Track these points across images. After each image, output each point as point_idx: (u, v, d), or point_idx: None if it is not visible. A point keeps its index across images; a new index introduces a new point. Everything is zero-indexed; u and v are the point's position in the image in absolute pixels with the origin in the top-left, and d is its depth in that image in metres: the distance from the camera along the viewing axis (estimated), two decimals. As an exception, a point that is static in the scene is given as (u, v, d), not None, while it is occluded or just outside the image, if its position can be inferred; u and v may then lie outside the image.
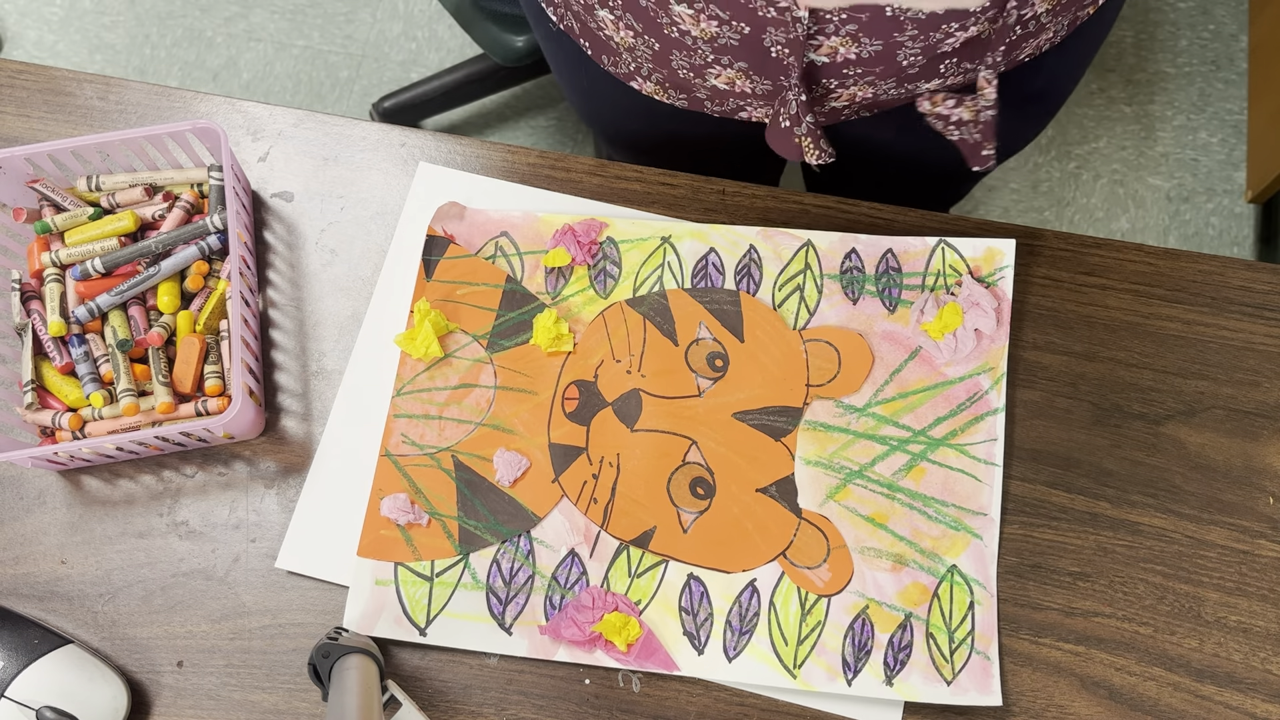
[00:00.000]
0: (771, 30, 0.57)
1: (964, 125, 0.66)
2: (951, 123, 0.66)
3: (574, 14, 0.67)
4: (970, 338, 0.68)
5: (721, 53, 0.61)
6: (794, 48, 0.59)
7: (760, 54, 0.60)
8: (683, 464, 0.67)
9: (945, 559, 0.65)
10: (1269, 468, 0.67)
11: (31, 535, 0.67)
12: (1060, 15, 0.63)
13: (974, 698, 0.62)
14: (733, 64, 0.62)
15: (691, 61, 0.63)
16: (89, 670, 0.62)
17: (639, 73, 0.68)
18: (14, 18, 1.75)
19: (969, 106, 0.64)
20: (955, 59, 0.61)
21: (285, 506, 0.67)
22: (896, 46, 0.59)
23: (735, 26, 0.58)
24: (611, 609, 0.64)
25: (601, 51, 0.68)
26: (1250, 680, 0.63)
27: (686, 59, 0.63)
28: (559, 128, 1.68)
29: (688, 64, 0.64)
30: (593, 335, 0.70)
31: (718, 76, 0.64)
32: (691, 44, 0.61)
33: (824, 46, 0.59)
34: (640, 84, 0.69)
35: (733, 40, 0.59)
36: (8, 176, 0.69)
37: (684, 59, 0.63)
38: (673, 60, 0.64)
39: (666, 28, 0.61)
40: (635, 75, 0.68)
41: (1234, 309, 0.70)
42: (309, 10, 1.75)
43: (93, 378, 0.67)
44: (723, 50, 0.61)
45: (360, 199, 0.74)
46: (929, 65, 0.61)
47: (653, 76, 0.67)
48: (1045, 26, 0.62)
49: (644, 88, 0.69)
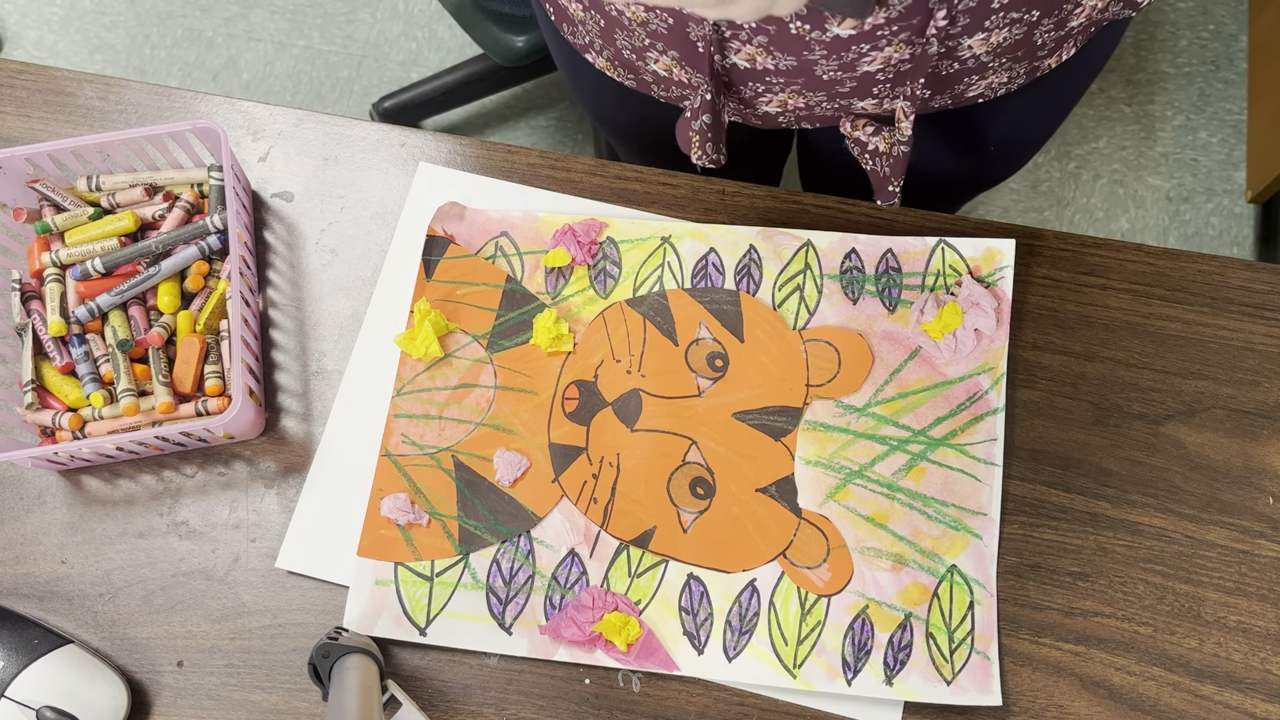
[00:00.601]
0: (693, 25, 0.58)
1: (877, 156, 0.66)
2: (868, 150, 0.66)
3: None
4: (970, 338, 0.68)
5: (655, 38, 0.61)
6: (710, 45, 0.59)
7: (689, 46, 0.60)
8: (683, 464, 0.67)
9: (945, 559, 0.65)
10: (1269, 468, 0.67)
11: (31, 535, 0.67)
12: (1011, 61, 0.62)
13: (974, 697, 0.62)
14: (666, 51, 0.62)
15: (632, 43, 0.63)
16: (89, 670, 0.62)
17: (592, 47, 0.68)
18: (14, 18, 1.75)
19: (885, 138, 0.64)
20: (888, 83, 0.61)
21: (285, 506, 0.67)
22: (811, 63, 0.59)
23: (661, 15, 0.58)
24: (611, 609, 0.64)
25: (562, 19, 0.69)
26: (1250, 680, 0.63)
27: (628, 39, 0.63)
28: (559, 128, 1.68)
29: (629, 45, 0.64)
30: (593, 335, 0.70)
31: (656, 62, 0.64)
32: (628, 25, 0.61)
33: (742, 52, 0.59)
34: (594, 58, 0.69)
35: (662, 28, 0.60)
36: (8, 176, 0.69)
37: (625, 39, 0.63)
38: (617, 39, 0.64)
39: (605, 5, 0.61)
40: (589, 49, 0.69)
41: (1234, 309, 0.70)
42: (309, 10, 1.75)
43: (93, 378, 0.67)
44: (656, 36, 0.61)
45: (360, 199, 0.74)
46: (861, 85, 0.61)
47: (604, 52, 0.68)
48: (989, 67, 0.62)
49: (597, 62, 0.70)
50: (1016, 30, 0.58)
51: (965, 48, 0.58)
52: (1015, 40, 0.59)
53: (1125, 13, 0.64)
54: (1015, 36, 0.59)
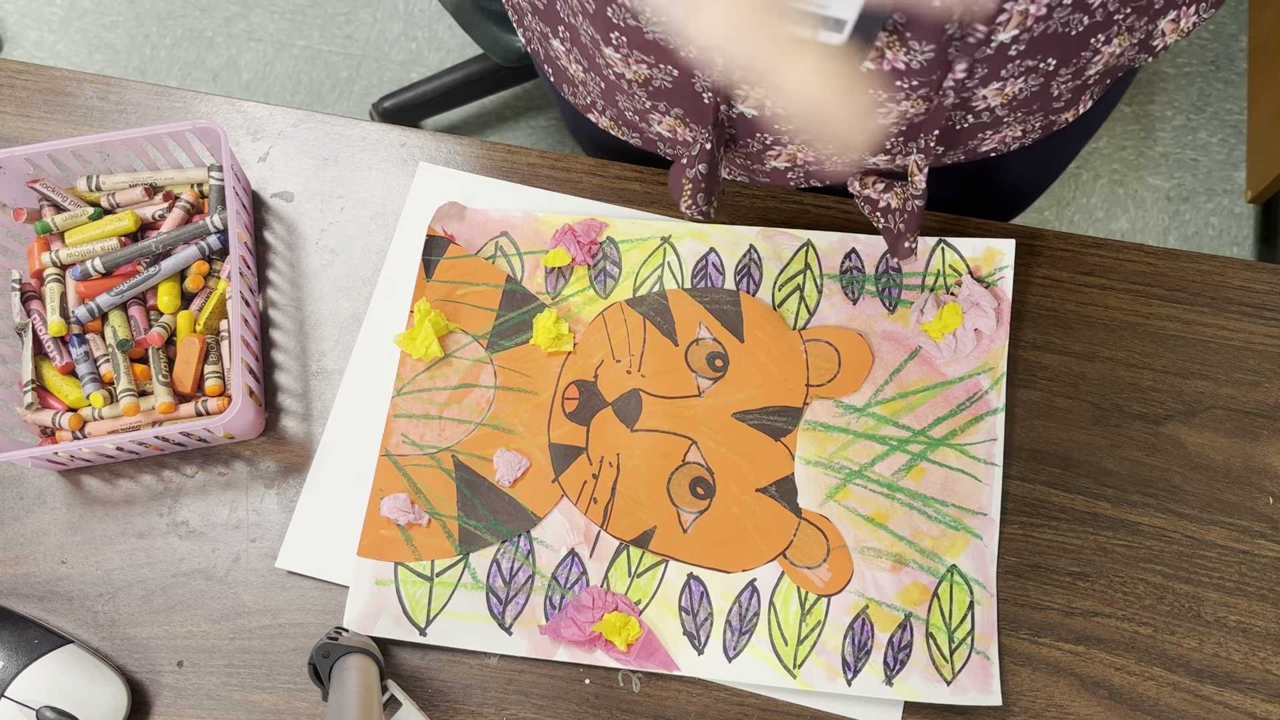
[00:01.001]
0: (699, 75, 0.55)
1: (890, 213, 0.64)
2: (879, 209, 0.64)
3: (536, 39, 0.65)
4: (970, 338, 0.68)
5: (658, 98, 0.59)
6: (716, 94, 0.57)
7: (693, 99, 0.58)
8: (683, 464, 0.67)
9: (945, 559, 0.65)
10: (1269, 468, 0.67)
11: (31, 535, 0.67)
12: (1026, 114, 0.59)
13: (974, 697, 0.62)
14: (669, 110, 0.60)
15: (634, 105, 0.61)
16: (89, 670, 0.62)
17: (594, 107, 0.66)
18: (14, 18, 1.75)
19: (898, 194, 0.62)
20: (901, 137, 0.59)
21: (285, 506, 0.67)
22: None
23: (664, 70, 0.56)
24: (611, 609, 0.64)
25: (562, 80, 0.67)
26: (1250, 680, 0.63)
27: (629, 102, 0.61)
28: (559, 128, 1.68)
29: (632, 107, 0.62)
30: (593, 335, 0.70)
31: (659, 123, 0.62)
32: (628, 89, 0.59)
33: (750, 98, 0.57)
34: (596, 118, 0.68)
35: (665, 83, 0.57)
36: (8, 176, 0.69)
37: (627, 102, 0.61)
38: (619, 102, 0.62)
39: (604, 69, 0.59)
40: (591, 109, 0.67)
41: (1234, 309, 0.70)
42: (309, 10, 1.75)
43: (93, 378, 0.67)
44: (658, 95, 0.59)
45: (360, 199, 0.74)
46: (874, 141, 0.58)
47: (607, 112, 0.66)
48: (1004, 121, 0.59)
49: (600, 121, 0.68)
50: (1033, 81, 0.55)
51: (980, 98, 0.56)
52: (1031, 93, 0.56)
53: (1142, 58, 0.61)
54: (1032, 88, 0.56)
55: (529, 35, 0.67)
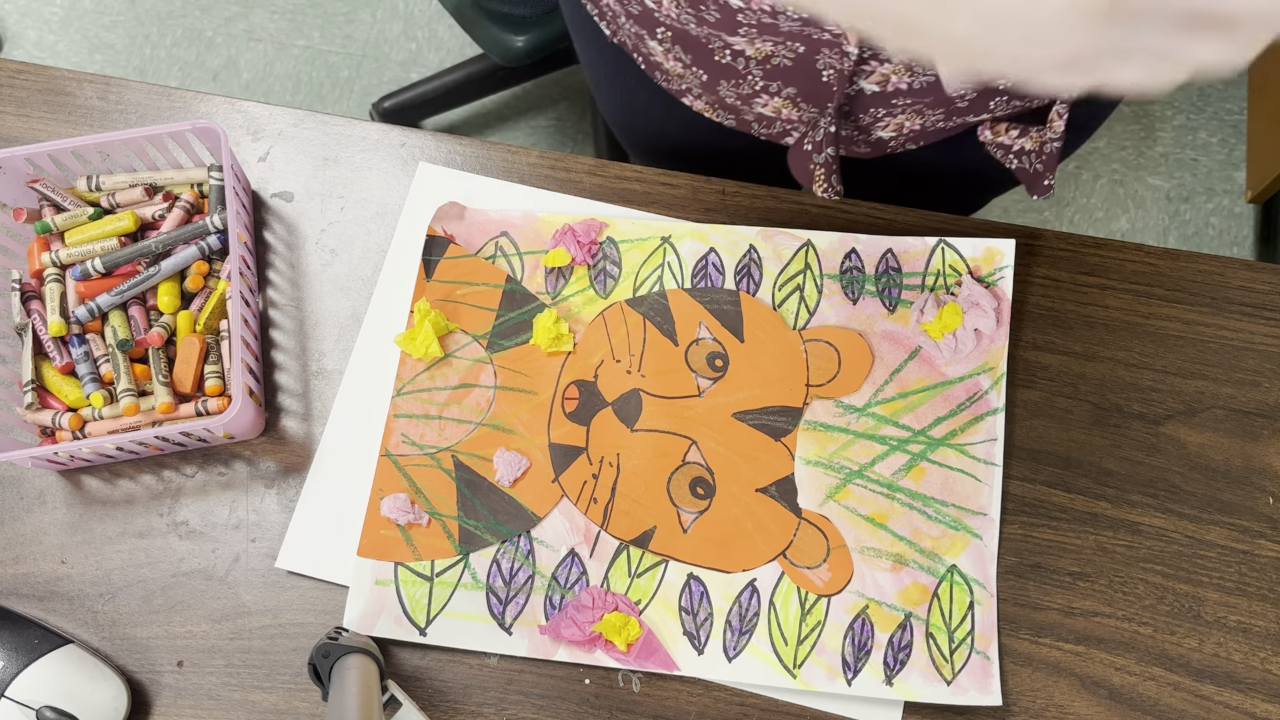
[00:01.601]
0: (825, 52, 0.56)
1: (1025, 154, 0.64)
2: (1013, 152, 0.65)
3: (627, 35, 0.67)
4: (970, 338, 0.68)
5: (772, 77, 0.60)
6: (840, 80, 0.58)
7: (812, 78, 0.59)
8: (683, 464, 0.67)
9: (945, 559, 0.65)
10: (1269, 468, 0.67)
11: (31, 535, 0.67)
12: None
13: (974, 697, 0.62)
14: (781, 90, 0.61)
15: (739, 91, 0.62)
16: (89, 670, 0.62)
17: (689, 93, 0.67)
18: (14, 18, 1.75)
19: (1034, 138, 0.63)
20: (1005, 96, 0.60)
21: (285, 506, 0.67)
22: None
23: (789, 46, 0.57)
24: (611, 609, 0.64)
25: (654, 70, 0.68)
26: (1250, 680, 0.63)
27: (734, 88, 0.62)
28: (559, 128, 1.68)
29: (735, 93, 0.63)
30: (593, 335, 0.70)
31: (765, 105, 0.63)
32: (743, 69, 0.60)
33: (875, 74, 0.58)
34: (691, 101, 0.69)
35: (785, 61, 0.58)
36: (8, 176, 0.69)
37: (732, 88, 0.62)
38: (720, 89, 0.63)
39: (718, 52, 0.59)
40: (686, 94, 0.68)
41: (1234, 309, 0.70)
42: (309, 10, 1.75)
43: (93, 378, 0.67)
44: (774, 75, 0.59)
45: (360, 199, 0.74)
46: (979, 99, 0.60)
47: (703, 98, 0.67)
48: None
49: (694, 105, 0.69)
50: None
51: None
52: None
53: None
54: None
55: (614, 29, 0.68)
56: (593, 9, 0.68)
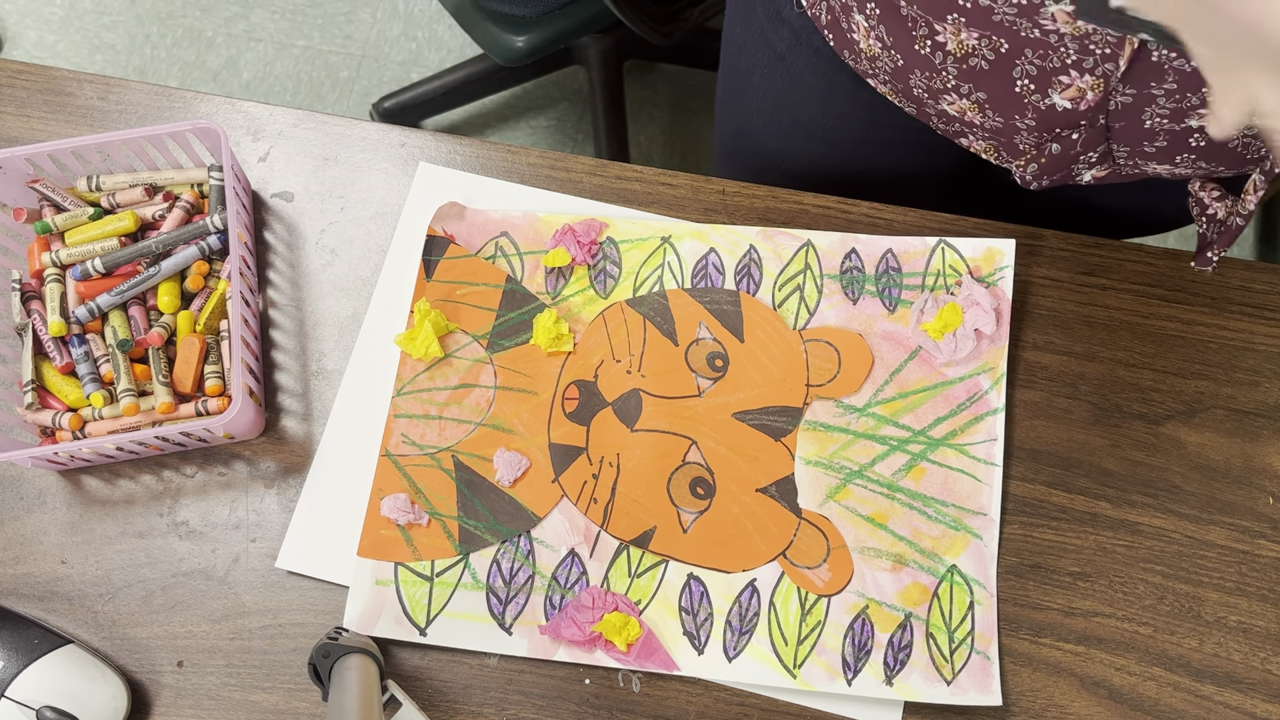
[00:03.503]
0: (1027, 55, 0.54)
1: (1213, 221, 0.62)
2: (1206, 214, 0.63)
3: (828, 7, 0.64)
4: (970, 338, 0.68)
5: (965, 79, 0.58)
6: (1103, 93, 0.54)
7: (1006, 84, 0.57)
8: (683, 464, 0.67)
9: (945, 559, 0.65)
10: (1269, 468, 0.67)
11: (31, 535, 0.67)
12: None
13: (974, 698, 0.62)
14: (971, 94, 0.59)
15: (930, 84, 0.61)
16: (89, 670, 0.62)
17: (878, 75, 0.66)
18: (14, 18, 1.75)
19: (1226, 206, 0.61)
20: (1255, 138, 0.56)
21: (285, 506, 0.67)
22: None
23: (994, 43, 0.55)
24: (611, 609, 0.64)
25: (844, 47, 0.66)
26: (1250, 680, 0.63)
27: (925, 80, 0.61)
28: (559, 128, 1.68)
29: (925, 85, 0.61)
30: (593, 335, 0.70)
31: (951, 104, 0.62)
32: (940, 63, 0.58)
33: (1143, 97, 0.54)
34: (877, 85, 0.67)
35: (984, 63, 0.56)
36: (8, 176, 0.69)
37: (923, 79, 0.61)
38: (911, 78, 0.62)
39: (919, 41, 0.58)
40: (874, 76, 0.66)
41: (1234, 309, 0.70)
42: (309, 10, 1.75)
43: (93, 378, 0.67)
44: (967, 75, 0.58)
45: (360, 199, 0.74)
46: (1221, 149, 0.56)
47: (889, 84, 0.65)
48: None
49: (880, 89, 0.67)
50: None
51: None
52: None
53: None
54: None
55: (816, 3, 0.66)
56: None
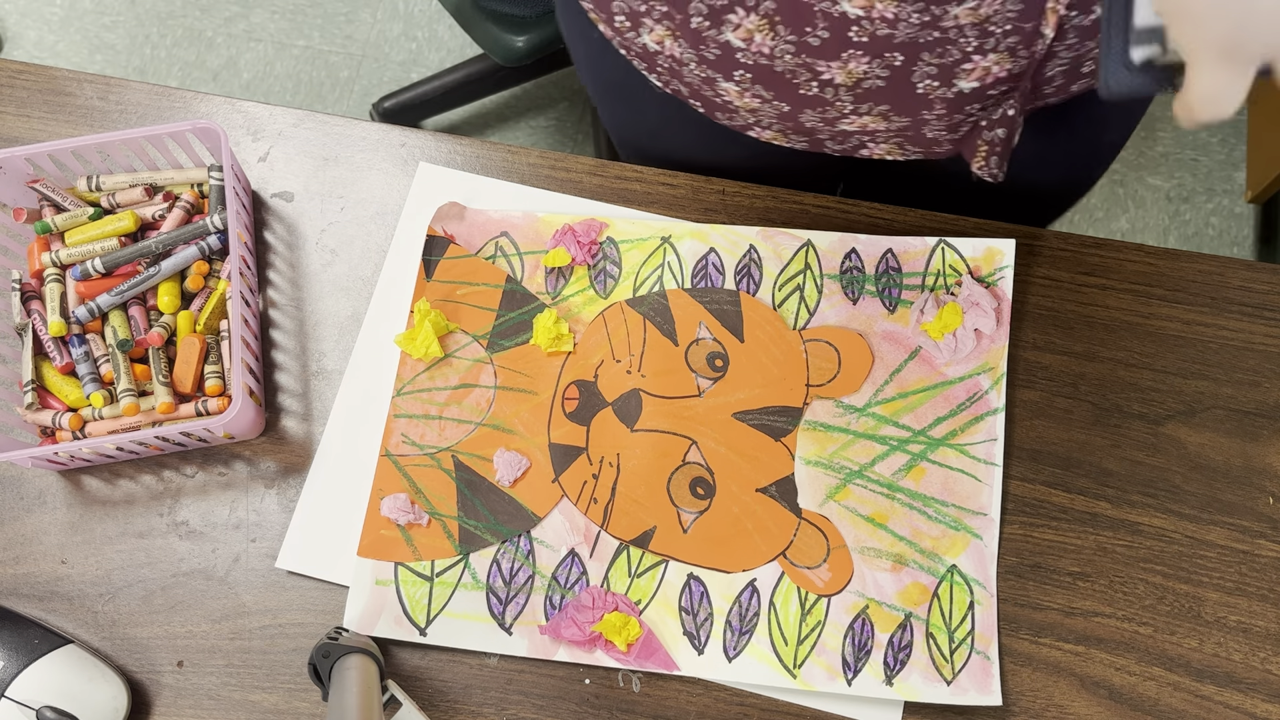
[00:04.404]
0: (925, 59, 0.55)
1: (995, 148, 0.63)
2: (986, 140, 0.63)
3: (686, 84, 0.65)
4: (970, 338, 0.68)
5: (862, 100, 0.59)
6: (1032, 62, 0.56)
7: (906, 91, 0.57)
8: (683, 464, 0.67)
9: (945, 559, 0.65)
10: (1269, 468, 0.67)
11: (31, 535, 0.67)
12: None
13: (974, 697, 0.62)
14: (872, 110, 0.60)
15: (825, 115, 0.61)
16: (89, 670, 0.62)
17: (758, 125, 0.66)
18: (14, 18, 1.75)
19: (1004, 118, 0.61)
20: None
21: (285, 506, 0.67)
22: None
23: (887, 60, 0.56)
24: (611, 609, 0.64)
25: (715, 110, 0.66)
26: (1250, 680, 0.63)
27: (819, 114, 0.61)
28: (559, 128, 1.68)
29: (820, 118, 0.62)
30: (593, 335, 0.70)
31: (851, 124, 0.62)
32: (831, 97, 0.59)
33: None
34: (759, 133, 0.67)
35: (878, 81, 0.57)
36: (8, 176, 0.69)
37: (817, 114, 0.61)
38: (802, 117, 0.62)
39: (804, 86, 0.58)
40: (754, 127, 0.67)
41: (1234, 309, 0.70)
42: (309, 10, 1.75)
43: (93, 378, 0.67)
44: (864, 98, 0.59)
45: (360, 199, 0.74)
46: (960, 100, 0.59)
47: (774, 127, 0.66)
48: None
49: (762, 136, 0.68)
50: None
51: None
52: None
53: None
54: None
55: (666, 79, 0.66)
56: (642, 64, 0.66)
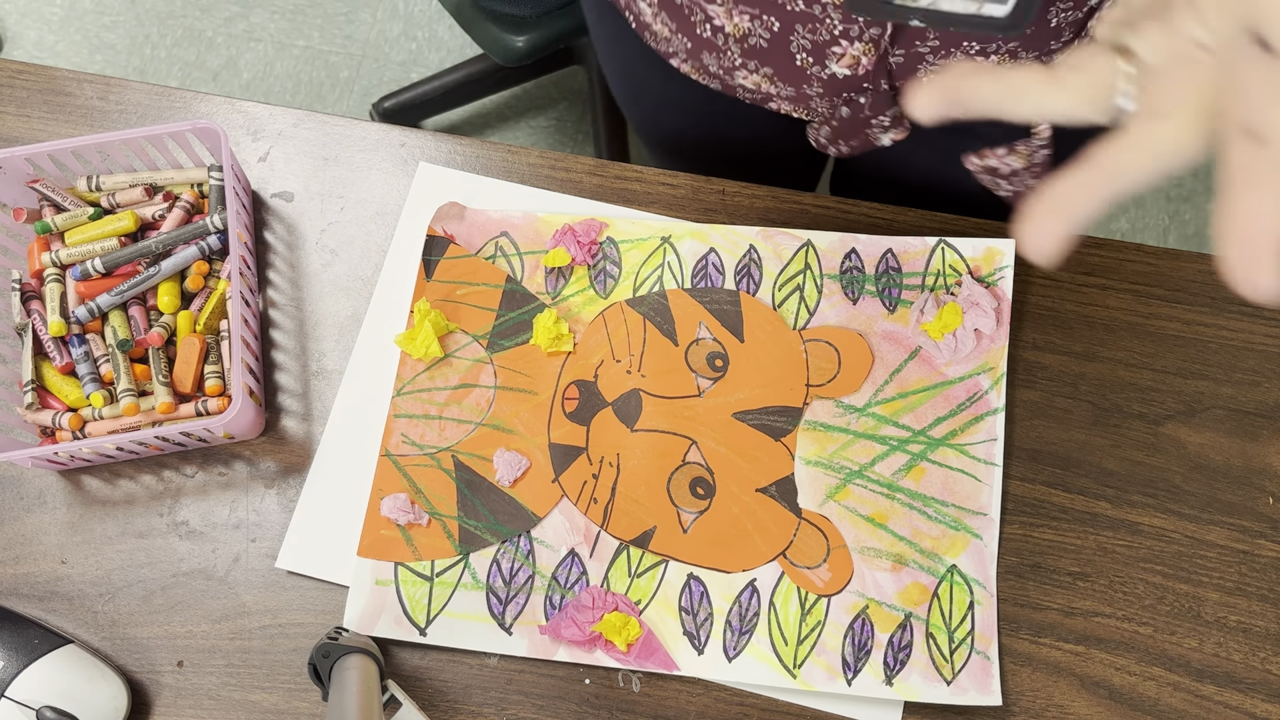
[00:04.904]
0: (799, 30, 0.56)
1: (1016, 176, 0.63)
2: (1001, 175, 0.64)
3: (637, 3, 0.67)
4: (970, 338, 0.68)
5: (749, 56, 0.60)
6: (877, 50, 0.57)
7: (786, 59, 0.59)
8: (683, 464, 0.67)
9: (945, 559, 0.65)
10: (1269, 468, 0.67)
11: (31, 535, 0.67)
12: None
13: (974, 697, 0.62)
14: (759, 69, 0.61)
15: (721, 63, 0.62)
16: (89, 670, 0.62)
17: (676, 55, 0.68)
18: (14, 18, 1.75)
19: (1020, 153, 0.62)
20: None
21: (285, 506, 0.67)
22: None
23: (766, 23, 0.57)
24: (611, 609, 0.64)
25: (643, 30, 0.68)
26: (1250, 680, 0.63)
27: (716, 60, 0.62)
28: (559, 128, 1.68)
29: (718, 64, 0.63)
30: (593, 335, 0.70)
31: (745, 79, 0.63)
32: (722, 44, 0.60)
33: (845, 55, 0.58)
34: (678, 64, 0.69)
35: (762, 41, 0.58)
36: (8, 176, 0.69)
37: (714, 59, 0.62)
38: (703, 58, 0.63)
39: (699, 25, 0.60)
40: (673, 56, 0.69)
41: (1234, 309, 0.70)
42: (309, 10, 1.75)
43: (93, 378, 0.67)
44: (751, 54, 0.60)
45: (360, 199, 0.74)
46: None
47: (688, 62, 0.67)
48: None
49: (681, 68, 0.69)
50: None
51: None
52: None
53: None
54: None
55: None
56: None
